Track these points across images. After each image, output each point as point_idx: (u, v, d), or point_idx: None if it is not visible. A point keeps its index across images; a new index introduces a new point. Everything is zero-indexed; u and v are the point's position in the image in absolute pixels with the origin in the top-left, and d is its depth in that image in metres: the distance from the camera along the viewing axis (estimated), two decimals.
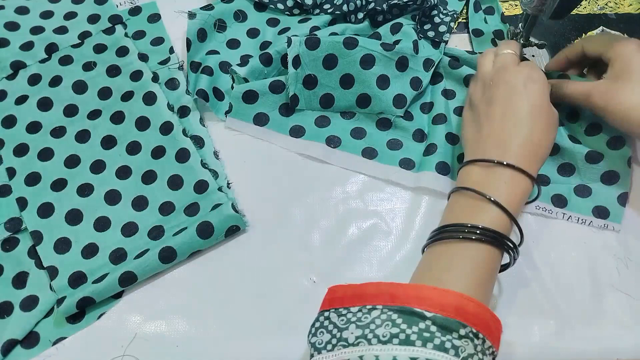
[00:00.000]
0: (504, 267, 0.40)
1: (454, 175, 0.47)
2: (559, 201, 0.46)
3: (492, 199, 0.38)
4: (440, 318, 0.32)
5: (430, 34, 0.56)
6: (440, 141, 0.49)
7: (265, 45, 0.57)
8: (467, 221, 0.38)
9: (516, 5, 0.60)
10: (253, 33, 0.58)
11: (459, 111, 0.51)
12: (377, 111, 0.51)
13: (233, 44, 0.57)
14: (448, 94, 0.53)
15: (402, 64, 0.51)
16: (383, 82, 0.51)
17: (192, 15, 0.55)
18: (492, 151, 0.41)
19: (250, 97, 0.51)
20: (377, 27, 0.57)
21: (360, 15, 0.56)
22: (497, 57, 0.46)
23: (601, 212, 0.46)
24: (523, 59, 0.50)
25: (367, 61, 0.50)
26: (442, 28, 0.56)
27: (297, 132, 0.51)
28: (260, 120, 0.52)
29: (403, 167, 0.49)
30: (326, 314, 0.35)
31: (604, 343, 0.41)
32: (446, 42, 0.56)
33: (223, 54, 0.55)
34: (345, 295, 0.35)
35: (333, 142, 0.50)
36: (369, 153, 0.50)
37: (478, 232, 0.37)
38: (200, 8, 0.57)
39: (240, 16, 0.58)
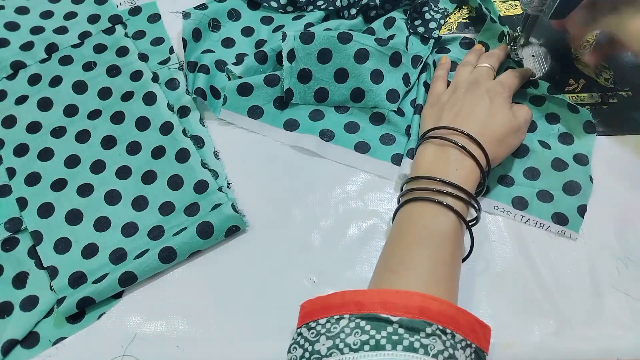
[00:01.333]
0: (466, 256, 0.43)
1: None
2: (520, 204, 0.47)
3: (446, 181, 0.40)
4: (406, 320, 0.32)
5: (420, 29, 0.56)
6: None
7: (260, 43, 0.57)
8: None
9: (516, 5, 0.60)
10: (247, 31, 0.58)
11: None
12: (370, 105, 0.52)
13: (228, 42, 0.57)
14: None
15: (395, 60, 0.52)
16: (377, 76, 0.51)
17: (186, 15, 0.56)
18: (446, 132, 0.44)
19: (245, 89, 0.51)
20: (370, 22, 0.57)
21: (354, 11, 0.56)
22: (475, 69, 0.50)
23: (560, 219, 0.46)
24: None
25: (361, 56, 0.51)
26: (432, 25, 0.56)
27: (291, 125, 0.51)
28: (255, 113, 0.52)
29: (394, 162, 0.49)
30: (299, 330, 0.36)
31: (604, 343, 0.41)
32: (435, 39, 0.56)
33: (218, 53, 0.56)
34: (313, 308, 0.36)
35: (326, 135, 0.50)
36: (362, 147, 0.50)
37: (444, 191, 0.40)
38: (194, 7, 0.57)
39: (234, 15, 0.59)
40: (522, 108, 0.48)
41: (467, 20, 0.59)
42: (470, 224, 0.41)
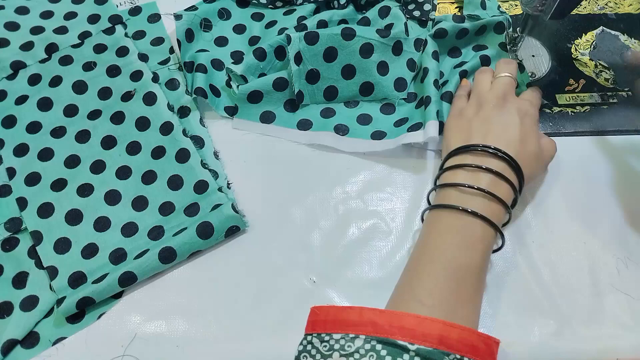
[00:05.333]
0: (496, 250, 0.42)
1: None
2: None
3: (472, 211, 0.39)
4: (424, 350, 0.32)
5: (416, 13, 0.57)
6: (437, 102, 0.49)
7: (254, 40, 0.57)
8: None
9: (516, 5, 0.60)
10: (239, 29, 0.59)
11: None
12: (380, 97, 0.53)
13: (221, 41, 0.57)
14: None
15: (397, 48, 0.52)
16: (383, 68, 0.52)
17: (178, 17, 0.56)
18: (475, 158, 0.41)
19: (254, 96, 0.52)
20: (361, 10, 0.58)
21: (343, 0, 0.57)
22: (496, 80, 0.47)
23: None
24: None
25: (367, 50, 0.51)
26: (427, 7, 0.57)
27: (304, 125, 0.52)
28: (267, 118, 0.52)
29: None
30: (309, 337, 0.35)
31: (604, 343, 0.41)
32: (433, 21, 0.56)
33: (213, 52, 0.56)
34: (327, 318, 0.35)
35: (341, 130, 0.51)
36: (378, 136, 0.50)
37: (469, 210, 0.38)
38: (184, 10, 0.57)
39: (224, 14, 0.59)
40: (548, 140, 0.46)
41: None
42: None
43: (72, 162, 0.50)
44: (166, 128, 0.50)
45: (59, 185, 0.48)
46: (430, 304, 0.36)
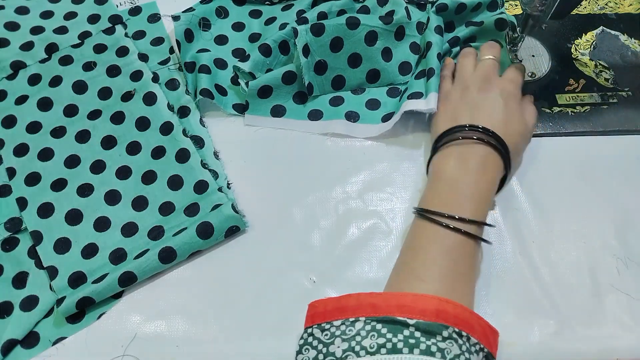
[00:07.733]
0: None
1: None
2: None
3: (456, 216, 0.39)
4: (423, 323, 0.32)
5: None
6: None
7: (254, 37, 0.58)
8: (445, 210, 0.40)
9: (516, 5, 0.60)
10: (238, 27, 0.59)
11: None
12: (386, 83, 0.53)
13: (221, 40, 0.58)
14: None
15: (399, 34, 0.53)
16: (387, 54, 0.53)
17: (176, 18, 0.56)
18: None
19: (264, 92, 0.52)
20: None
21: None
22: (480, 62, 0.48)
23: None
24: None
25: (371, 38, 0.52)
26: None
27: (315, 115, 0.52)
28: (278, 111, 0.52)
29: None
30: (309, 330, 0.35)
31: (604, 343, 0.41)
32: (432, 4, 0.56)
33: (214, 52, 0.56)
34: (326, 309, 0.35)
35: (352, 117, 0.51)
36: (389, 118, 0.50)
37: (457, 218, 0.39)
38: (182, 11, 0.57)
39: (222, 13, 0.59)
40: (531, 111, 0.47)
41: None
42: None
43: (72, 162, 0.50)
44: (166, 128, 0.50)
45: (59, 185, 0.48)
46: (429, 279, 0.36)
